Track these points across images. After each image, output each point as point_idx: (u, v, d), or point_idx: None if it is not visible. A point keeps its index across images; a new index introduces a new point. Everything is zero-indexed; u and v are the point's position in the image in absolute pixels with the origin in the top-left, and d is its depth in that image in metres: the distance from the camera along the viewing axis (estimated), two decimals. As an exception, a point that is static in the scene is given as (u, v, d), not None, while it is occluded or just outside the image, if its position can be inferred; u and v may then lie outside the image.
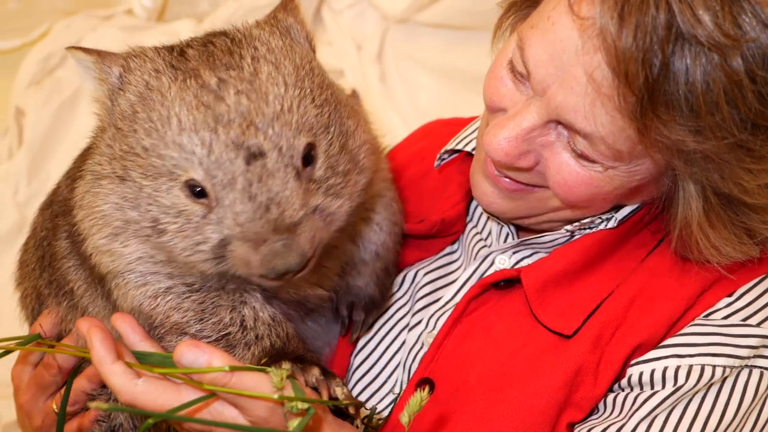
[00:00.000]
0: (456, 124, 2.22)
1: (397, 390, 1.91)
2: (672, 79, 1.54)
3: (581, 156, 1.70)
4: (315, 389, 1.63)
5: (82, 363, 1.87)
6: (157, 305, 1.73)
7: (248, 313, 1.74)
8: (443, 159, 2.07)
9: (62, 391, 1.88)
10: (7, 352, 1.75)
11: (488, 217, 1.99)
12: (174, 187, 1.58)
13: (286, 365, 1.57)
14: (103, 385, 1.86)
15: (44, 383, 1.91)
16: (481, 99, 2.94)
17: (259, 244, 1.54)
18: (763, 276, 1.79)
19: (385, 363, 1.96)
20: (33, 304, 2.02)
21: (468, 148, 2.01)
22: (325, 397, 1.61)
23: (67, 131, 3.29)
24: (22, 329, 2.15)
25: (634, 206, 1.84)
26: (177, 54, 1.64)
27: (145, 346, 1.68)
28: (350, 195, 1.68)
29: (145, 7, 3.47)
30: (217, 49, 1.64)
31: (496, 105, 1.79)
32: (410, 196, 2.09)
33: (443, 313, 1.93)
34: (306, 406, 1.50)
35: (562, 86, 1.65)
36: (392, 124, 3.18)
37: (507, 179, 1.82)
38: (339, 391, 1.63)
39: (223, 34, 1.69)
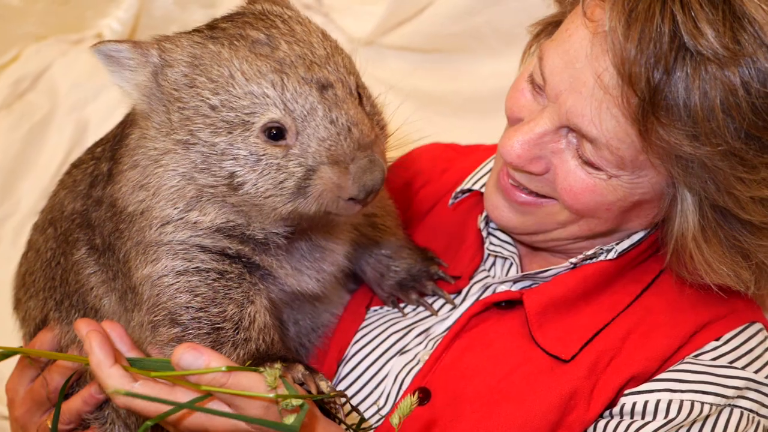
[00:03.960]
0: (453, 149, 2.34)
1: (381, 403, 1.96)
2: (673, 85, 1.66)
3: (587, 163, 1.81)
4: (301, 385, 1.71)
5: (71, 382, 1.90)
6: (176, 282, 1.81)
7: (249, 314, 1.82)
8: (457, 198, 2.16)
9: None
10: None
11: (495, 257, 2.10)
12: (250, 135, 1.67)
13: (278, 365, 1.66)
14: (99, 407, 1.90)
15: (40, 399, 1.95)
16: (446, 120, 3.05)
17: (347, 164, 1.65)
18: (747, 324, 1.93)
19: (372, 375, 2.02)
20: (38, 324, 2.06)
21: (483, 189, 2.11)
22: (313, 390, 1.71)
23: (38, 154, 3.29)
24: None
25: (635, 240, 1.95)
26: (208, 29, 1.77)
27: (133, 356, 1.72)
28: (386, 137, 1.83)
29: (115, 31, 3.48)
30: (248, 18, 1.76)
31: (516, 115, 1.92)
32: (428, 235, 2.22)
33: (443, 336, 1.99)
34: (300, 402, 1.56)
35: (572, 91, 1.77)
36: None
37: (519, 191, 1.93)
38: (324, 386, 1.74)
39: (239, 13, 1.81)
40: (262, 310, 1.85)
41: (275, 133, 1.68)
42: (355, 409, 1.93)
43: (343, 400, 1.75)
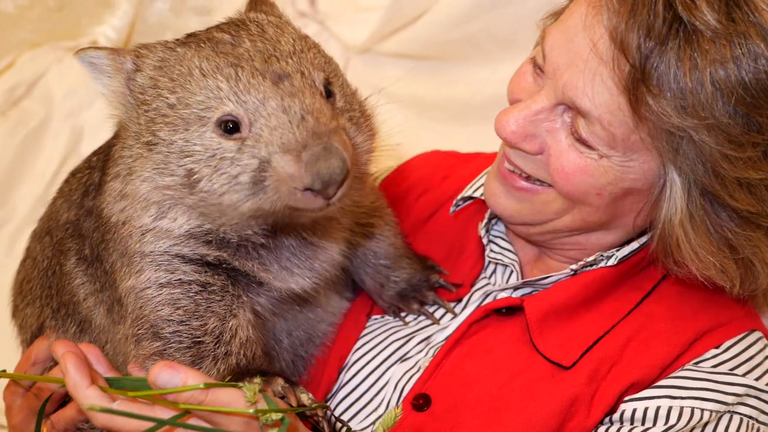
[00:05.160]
0: (454, 157, 2.34)
1: (381, 410, 1.96)
2: (665, 55, 1.68)
3: (580, 141, 1.82)
4: (282, 398, 1.70)
5: (53, 400, 1.90)
6: (159, 294, 1.79)
7: (230, 328, 1.80)
8: (458, 206, 2.16)
9: (54, 415, 1.91)
10: None
11: (495, 265, 2.10)
12: (206, 131, 1.66)
13: (257, 379, 1.63)
14: None
15: (36, 408, 1.93)
16: (443, 127, 3.05)
17: (299, 152, 1.59)
18: (747, 332, 1.94)
19: (372, 382, 2.02)
20: (35, 332, 2.06)
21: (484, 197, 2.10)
22: (293, 403, 1.69)
23: (34, 161, 3.29)
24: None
25: (635, 247, 1.96)
26: (184, 38, 1.77)
27: (110, 376, 1.71)
28: (369, 136, 1.79)
29: (110, 38, 3.48)
30: (223, 24, 1.78)
31: (515, 97, 1.95)
32: (429, 242, 2.21)
33: (443, 344, 1.99)
34: (280, 416, 1.54)
35: (569, 66, 1.80)
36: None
37: (516, 177, 1.94)
38: (305, 398, 1.72)
39: (221, 22, 1.81)
40: (245, 323, 1.83)
41: (231, 127, 1.65)
42: (340, 420, 1.92)
43: (332, 412, 1.73)
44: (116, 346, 1.89)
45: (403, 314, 2.11)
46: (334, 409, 2.00)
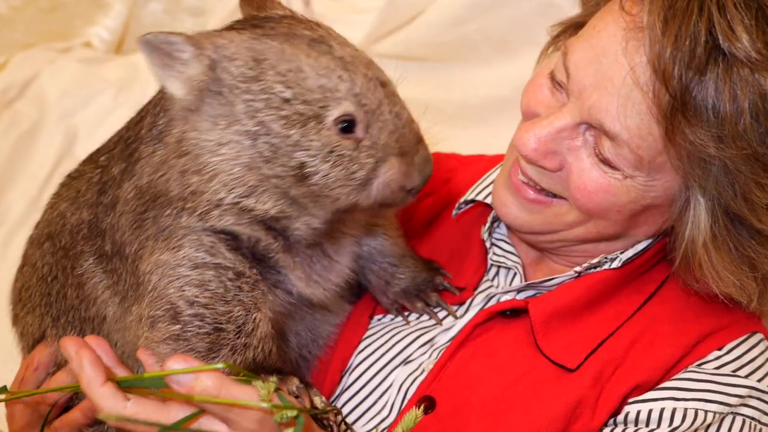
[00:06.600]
0: (455, 160, 2.34)
1: (386, 413, 1.95)
2: (703, 85, 1.67)
3: (604, 161, 1.81)
4: (296, 398, 1.69)
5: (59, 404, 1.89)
6: (190, 274, 1.79)
7: (254, 320, 1.81)
8: (461, 209, 2.16)
9: (57, 420, 1.90)
10: None
11: (498, 267, 2.09)
12: (322, 128, 1.72)
13: (273, 378, 1.64)
14: (98, 421, 1.87)
15: (41, 413, 1.93)
16: (438, 129, 3.02)
17: (411, 156, 1.77)
18: (749, 334, 1.93)
19: (376, 385, 2.01)
20: (36, 339, 2.04)
21: (488, 200, 2.11)
22: (307, 404, 1.69)
23: (27, 163, 3.28)
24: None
25: (639, 249, 1.95)
26: (252, 27, 1.80)
27: (118, 371, 1.70)
28: None
29: (104, 39, 3.48)
30: (288, 20, 1.82)
31: (532, 110, 1.92)
32: (431, 246, 2.20)
33: (447, 345, 1.98)
34: (294, 413, 1.54)
35: (597, 87, 1.77)
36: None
37: (529, 188, 1.92)
38: (318, 400, 1.73)
39: (267, 17, 1.84)
40: (266, 319, 1.83)
41: (346, 126, 1.72)
42: (348, 425, 1.91)
43: (343, 417, 1.72)
44: (125, 335, 1.87)
45: (406, 313, 2.10)
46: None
